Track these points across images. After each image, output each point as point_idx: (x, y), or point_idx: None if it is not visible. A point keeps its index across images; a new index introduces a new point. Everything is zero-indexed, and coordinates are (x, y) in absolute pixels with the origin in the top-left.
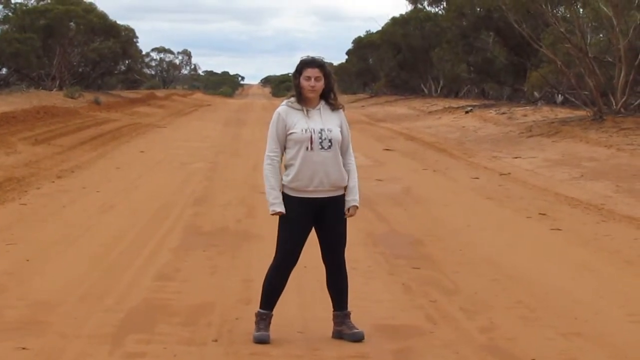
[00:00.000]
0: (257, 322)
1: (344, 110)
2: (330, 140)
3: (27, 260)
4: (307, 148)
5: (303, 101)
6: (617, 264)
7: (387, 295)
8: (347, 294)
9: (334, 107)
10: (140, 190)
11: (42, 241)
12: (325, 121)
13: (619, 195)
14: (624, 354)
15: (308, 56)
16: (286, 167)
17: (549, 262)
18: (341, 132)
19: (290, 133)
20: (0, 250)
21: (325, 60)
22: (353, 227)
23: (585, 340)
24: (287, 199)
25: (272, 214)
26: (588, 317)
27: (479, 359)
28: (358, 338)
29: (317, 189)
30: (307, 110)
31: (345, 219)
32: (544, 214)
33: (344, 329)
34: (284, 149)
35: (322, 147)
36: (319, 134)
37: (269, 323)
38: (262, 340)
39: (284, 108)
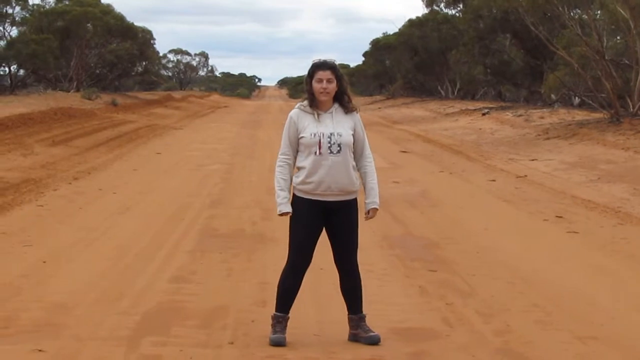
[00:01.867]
0: (273, 325)
1: (358, 112)
2: (339, 145)
3: (44, 262)
4: (316, 152)
5: (315, 105)
6: (634, 267)
7: (403, 298)
8: (360, 297)
9: (348, 109)
10: (156, 192)
11: (58, 243)
12: (337, 125)
13: (636, 198)
14: None
15: (320, 59)
16: (298, 169)
17: (565, 265)
18: (355, 134)
19: (301, 137)
20: (16, 252)
21: (342, 62)
22: (369, 230)
23: (601, 344)
24: (297, 200)
25: (280, 215)
26: (604, 321)
27: None
28: (374, 341)
29: (325, 192)
30: (319, 114)
31: (357, 223)
32: (560, 217)
33: (359, 332)
34: (296, 152)
35: (331, 152)
36: (328, 139)
37: (285, 326)
38: (278, 343)
39: (296, 111)
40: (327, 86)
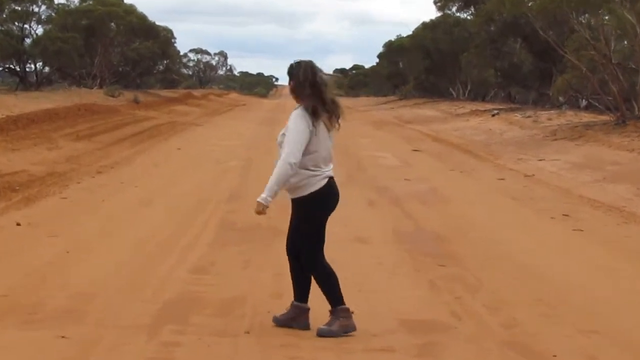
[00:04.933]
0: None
1: (296, 109)
2: (280, 144)
3: (68, 252)
4: None
5: None
6: (637, 263)
7: (413, 291)
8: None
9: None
10: (176, 186)
11: (82, 234)
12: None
13: None
14: None
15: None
16: None
17: (571, 261)
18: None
19: None
20: (42, 242)
21: (357, 64)
22: (381, 225)
23: (603, 338)
24: None
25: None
26: (607, 315)
27: (501, 354)
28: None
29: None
30: None
31: (298, 224)
32: (566, 215)
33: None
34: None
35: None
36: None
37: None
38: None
39: None
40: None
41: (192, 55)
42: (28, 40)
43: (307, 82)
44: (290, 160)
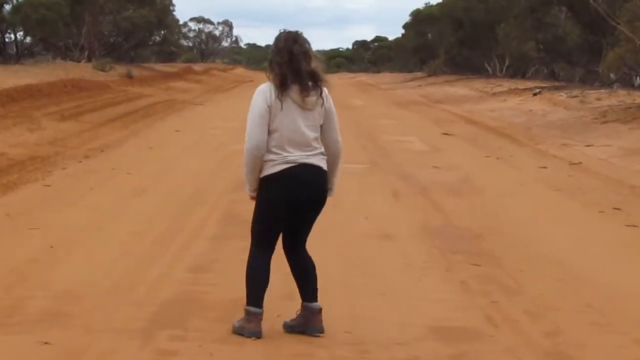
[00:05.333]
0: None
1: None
2: None
3: (51, 247)
4: None
5: None
6: None
7: (443, 294)
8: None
9: None
10: (174, 173)
11: (67, 226)
12: None
13: None
14: None
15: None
16: None
17: (623, 262)
18: None
19: None
20: (22, 236)
21: (380, 35)
22: (407, 219)
23: None
24: None
25: None
26: None
27: None
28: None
29: None
30: None
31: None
32: (618, 209)
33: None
34: None
35: None
36: None
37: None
38: None
39: None
40: None
41: (192, 25)
42: (7, 7)
43: (285, 51)
44: (247, 146)
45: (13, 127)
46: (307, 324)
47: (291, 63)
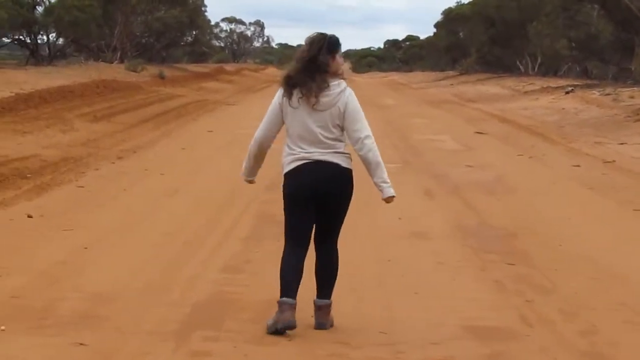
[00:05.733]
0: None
1: None
2: None
3: (85, 248)
4: None
5: None
6: None
7: (477, 293)
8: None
9: None
10: (207, 173)
11: (100, 227)
12: None
13: None
14: None
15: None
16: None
17: None
18: None
19: None
20: (56, 237)
21: (411, 34)
22: (441, 218)
23: None
24: None
25: None
26: None
27: None
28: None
29: None
30: None
31: None
32: None
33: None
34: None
35: None
36: None
37: None
38: None
39: None
40: None
41: (224, 25)
42: (40, 9)
43: (306, 55)
44: (254, 136)
45: (46, 129)
46: (315, 318)
47: (306, 68)
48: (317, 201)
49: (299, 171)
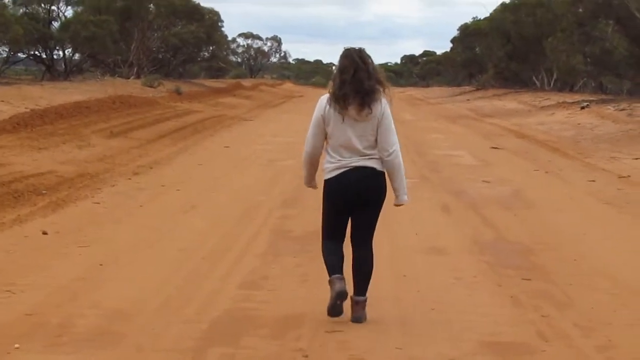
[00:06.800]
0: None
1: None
2: None
3: (101, 265)
4: None
5: None
6: None
7: (494, 308)
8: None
9: None
10: (224, 189)
11: (116, 244)
12: None
13: None
14: None
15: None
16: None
17: None
18: None
19: None
20: (72, 254)
21: (428, 49)
22: (458, 233)
23: None
24: None
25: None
26: None
27: None
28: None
29: None
30: None
31: None
32: None
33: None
34: None
35: None
36: None
37: None
38: None
39: None
40: None
41: (241, 41)
42: (56, 24)
43: (344, 69)
44: (304, 150)
45: (62, 145)
46: (352, 313)
47: (349, 81)
48: (356, 203)
49: (337, 180)
